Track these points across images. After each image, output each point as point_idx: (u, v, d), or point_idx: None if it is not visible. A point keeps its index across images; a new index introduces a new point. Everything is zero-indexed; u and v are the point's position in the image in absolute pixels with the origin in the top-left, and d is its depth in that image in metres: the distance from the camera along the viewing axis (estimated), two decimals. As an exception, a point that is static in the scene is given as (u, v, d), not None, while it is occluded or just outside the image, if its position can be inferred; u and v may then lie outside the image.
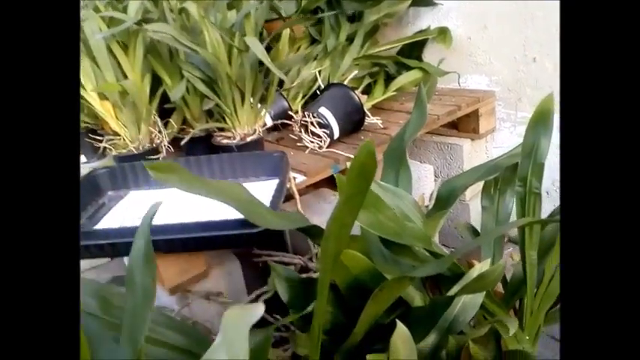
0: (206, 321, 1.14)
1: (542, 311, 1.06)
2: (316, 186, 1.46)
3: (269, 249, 1.29)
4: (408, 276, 0.68)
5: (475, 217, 1.83)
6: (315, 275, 1.05)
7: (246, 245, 1.01)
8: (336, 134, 1.41)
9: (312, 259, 1.26)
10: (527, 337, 1.08)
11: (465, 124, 1.81)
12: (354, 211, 0.66)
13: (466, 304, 0.85)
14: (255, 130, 1.36)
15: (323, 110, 1.39)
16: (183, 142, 1.34)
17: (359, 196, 0.64)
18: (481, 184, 1.16)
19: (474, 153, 1.86)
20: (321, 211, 1.34)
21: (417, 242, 0.85)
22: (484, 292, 0.86)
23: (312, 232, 0.77)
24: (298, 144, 1.44)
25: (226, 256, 1.28)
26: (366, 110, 1.52)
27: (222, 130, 1.39)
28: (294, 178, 1.23)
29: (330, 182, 1.49)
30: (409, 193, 1.07)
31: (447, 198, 1.10)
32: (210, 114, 1.40)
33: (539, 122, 0.99)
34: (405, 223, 0.87)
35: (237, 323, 0.39)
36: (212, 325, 1.14)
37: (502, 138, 1.86)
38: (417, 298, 0.88)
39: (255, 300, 1.18)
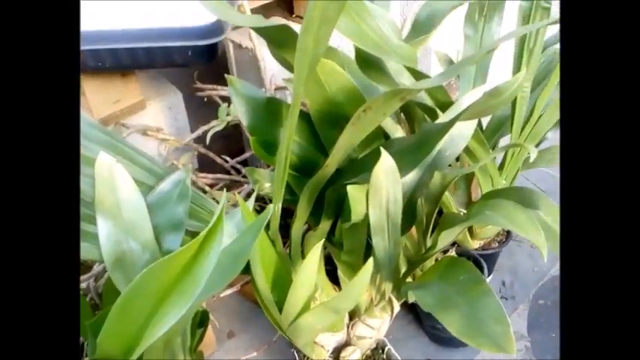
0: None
1: (525, 152, 0.96)
2: (267, 12, 1.25)
3: (213, 83, 1.11)
4: (403, 90, 0.53)
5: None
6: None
7: (190, 63, 0.82)
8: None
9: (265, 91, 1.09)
10: (504, 182, 0.99)
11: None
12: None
13: (454, 136, 0.72)
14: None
15: None
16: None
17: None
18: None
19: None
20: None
21: (402, 60, 0.69)
22: (475, 123, 0.74)
23: (280, 37, 0.60)
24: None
25: (166, 87, 1.09)
26: None
27: None
28: (246, -7, 1.02)
29: (284, 8, 1.28)
30: (387, 10, 0.90)
31: (427, 22, 0.94)
32: None
33: None
34: (389, 37, 0.70)
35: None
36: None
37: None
38: (397, 129, 0.74)
39: (202, 137, 1.02)
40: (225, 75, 0.66)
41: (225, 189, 1.09)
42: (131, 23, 0.79)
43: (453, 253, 1.03)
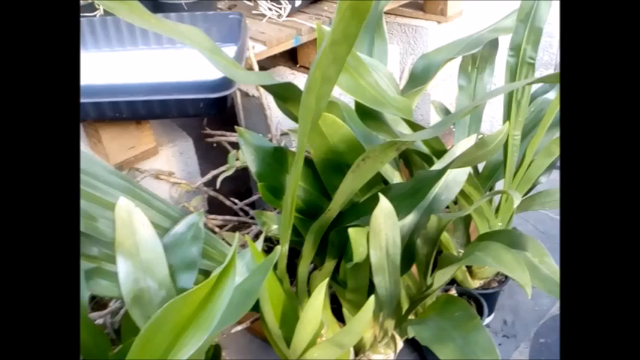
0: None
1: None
2: (272, 62, 1.33)
3: (221, 129, 1.18)
4: (398, 141, 0.58)
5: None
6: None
7: (202, 114, 0.88)
8: (298, 2, 1.26)
9: (271, 140, 1.15)
10: (500, 224, 1.04)
11: (431, 5, 1.68)
12: (339, 60, 0.54)
13: (449, 182, 0.78)
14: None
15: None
16: None
17: (348, 40, 0.53)
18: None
19: (440, 38, 1.75)
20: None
21: (398, 112, 0.75)
22: (469, 169, 0.79)
23: (285, 93, 0.66)
24: (254, 11, 1.28)
25: (177, 133, 1.16)
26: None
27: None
28: (253, 47, 1.09)
29: (288, 58, 1.36)
30: (384, 64, 0.96)
31: (423, 74, 1.00)
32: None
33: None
34: (386, 91, 0.77)
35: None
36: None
37: (472, 21, 1.74)
38: (395, 175, 0.80)
39: (212, 180, 1.07)
40: (236, 127, 0.73)
41: (234, 230, 1.15)
42: (148, 77, 0.86)
43: (453, 292, 1.07)
